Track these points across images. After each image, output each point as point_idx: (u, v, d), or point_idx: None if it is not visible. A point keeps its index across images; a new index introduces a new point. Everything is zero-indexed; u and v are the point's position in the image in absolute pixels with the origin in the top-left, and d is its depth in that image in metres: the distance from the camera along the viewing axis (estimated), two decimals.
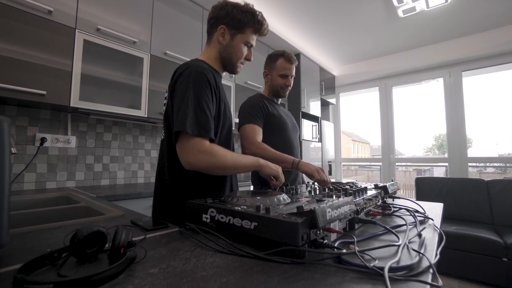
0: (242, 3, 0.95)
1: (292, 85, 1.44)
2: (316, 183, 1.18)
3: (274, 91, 1.43)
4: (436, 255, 0.52)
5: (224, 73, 1.04)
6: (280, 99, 1.50)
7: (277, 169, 0.94)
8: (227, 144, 0.96)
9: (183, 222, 0.66)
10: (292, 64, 1.39)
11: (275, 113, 1.37)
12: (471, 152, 3.25)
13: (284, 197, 0.70)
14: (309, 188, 0.97)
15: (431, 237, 0.64)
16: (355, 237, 0.53)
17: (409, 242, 0.56)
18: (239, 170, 0.89)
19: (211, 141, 0.84)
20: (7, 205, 0.43)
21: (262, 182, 1.36)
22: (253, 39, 0.98)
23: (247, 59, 1.00)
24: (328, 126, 3.85)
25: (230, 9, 0.92)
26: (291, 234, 0.46)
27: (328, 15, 2.67)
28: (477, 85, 3.36)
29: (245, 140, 1.26)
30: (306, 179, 1.59)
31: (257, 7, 0.98)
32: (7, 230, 0.43)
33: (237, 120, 1.38)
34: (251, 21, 0.93)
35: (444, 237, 0.64)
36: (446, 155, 3.34)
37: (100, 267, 0.40)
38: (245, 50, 0.97)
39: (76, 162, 1.79)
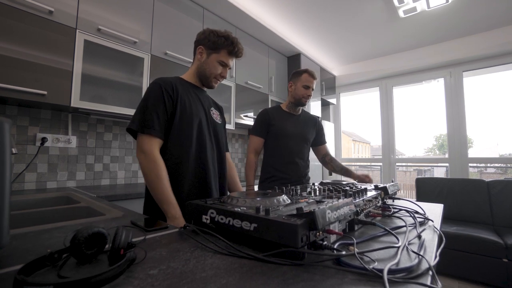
0: (221, 30, 1.11)
1: (312, 95, 1.66)
2: (316, 184, 1.19)
3: (296, 99, 1.65)
4: (435, 257, 0.52)
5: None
6: (300, 110, 1.73)
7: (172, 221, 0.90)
8: (188, 133, 1.04)
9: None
10: (314, 79, 1.62)
11: (279, 125, 1.62)
12: (472, 153, 3.24)
13: (284, 198, 0.70)
14: (309, 189, 0.97)
15: (430, 238, 0.64)
16: (354, 239, 0.53)
17: (408, 244, 0.56)
18: (152, 192, 0.95)
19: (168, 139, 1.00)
20: (7, 205, 0.43)
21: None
22: (228, 60, 1.11)
23: (222, 76, 1.13)
24: (328, 126, 3.84)
25: (208, 33, 1.09)
26: (291, 235, 0.46)
27: (328, 15, 2.67)
28: (478, 85, 3.35)
29: (248, 147, 1.63)
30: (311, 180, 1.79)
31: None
32: (7, 230, 0.43)
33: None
34: (225, 43, 1.08)
35: (444, 238, 0.64)
36: (446, 155, 3.34)
37: (100, 268, 0.40)
38: (219, 68, 1.10)
39: (76, 162, 1.79)
